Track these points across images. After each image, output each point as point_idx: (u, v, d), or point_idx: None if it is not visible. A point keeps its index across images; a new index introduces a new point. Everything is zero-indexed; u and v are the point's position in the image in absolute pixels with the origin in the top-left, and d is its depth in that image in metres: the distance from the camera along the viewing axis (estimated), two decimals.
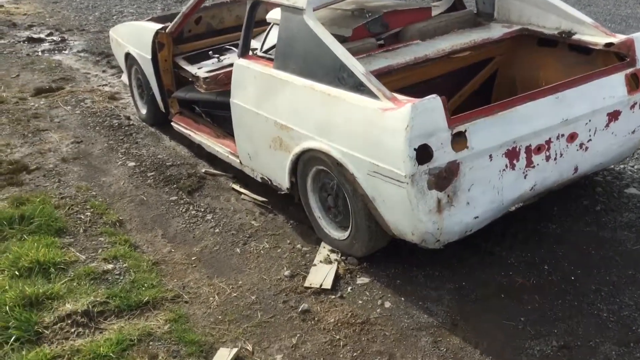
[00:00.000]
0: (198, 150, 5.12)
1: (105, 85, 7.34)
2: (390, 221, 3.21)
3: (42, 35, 10.20)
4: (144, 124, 5.92)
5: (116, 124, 5.92)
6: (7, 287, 3.29)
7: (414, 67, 3.82)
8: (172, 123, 5.37)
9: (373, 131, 3.12)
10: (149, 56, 5.29)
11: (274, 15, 4.39)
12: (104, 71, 7.96)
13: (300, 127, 3.58)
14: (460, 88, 4.34)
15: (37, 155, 5.30)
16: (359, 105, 3.21)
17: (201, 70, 4.79)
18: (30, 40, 9.90)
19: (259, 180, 4.19)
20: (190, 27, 5.56)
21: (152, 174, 4.80)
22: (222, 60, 4.95)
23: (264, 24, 4.60)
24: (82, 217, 4.18)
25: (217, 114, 5.14)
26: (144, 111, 5.98)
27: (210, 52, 5.08)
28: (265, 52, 4.31)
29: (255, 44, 5.42)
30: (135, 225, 4.12)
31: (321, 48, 3.47)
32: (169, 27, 5.17)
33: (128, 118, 6.08)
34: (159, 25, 5.30)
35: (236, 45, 5.42)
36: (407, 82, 3.90)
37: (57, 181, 4.77)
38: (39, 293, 3.23)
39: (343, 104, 3.30)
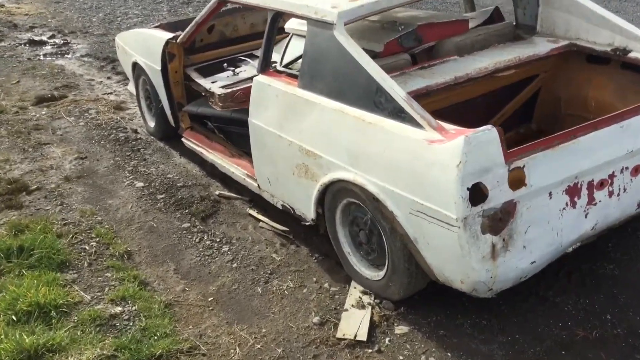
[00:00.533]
0: (211, 169, 4.76)
1: (111, 93, 6.98)
2: (435, 266, 2.85)
3: (44, 38, 9.84)
4: (152, 138, 5.56)
5: (122, 138, 5.55)
6: (2, 337, 2.93)
7: (454, 87, 3.45)
8: (182, 139, 5.01)
9: (417, 165, 2.75)
10: (159, 67, 4.93)
11: (294, 25, 4.03)
12: (108, 78, 7.60)
13: (329, 154, 3.22)
14: (499, 108, 3.98)
15: (38, 173, 4.94)
16: (399, 135, 2.85)
17: (215, 84, 4.43)
18: (32, 43, 9.54)
19: (280, 207, 3.83)
20: (202, 36, 5.19)
21: (162, 196, 4.44)
22: (237, 74, 4.59)
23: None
24: (87, 247, 3.82)
25: (232, 131, 4.79)
26: (152, 124, 5.61)
27: (225, 65, 4.71)
28: (286, 66, 3.94)
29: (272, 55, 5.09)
30: (145, 257, 3.76)
31: (354, 67, 3.11)
32: (181, 36, 4.81)
33: (135, 131, 5.72)
34: (169, 35, 4.94)
35: (251, 56, 5.10)
36: (444, 103, 3.54)
37: (60, 204, 4.41)
38: (38, 344, 2.88)
39: (380, 132, 2.94)
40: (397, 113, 2.90)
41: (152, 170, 4.90)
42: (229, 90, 4.07)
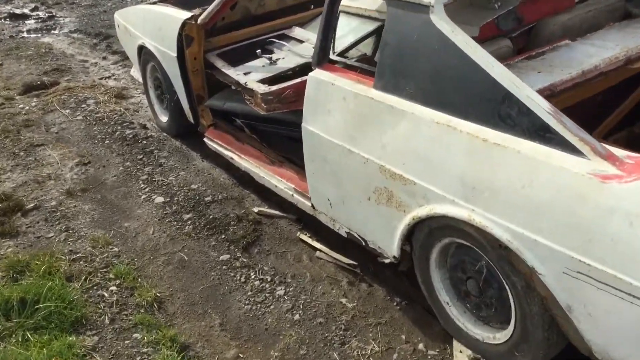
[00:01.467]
0: (241, 176, 3.96)
1: (109, 77, 6.10)
2: (598, 344, 2.09)
3: (25, 11, 8.89)
4: (165, 135, 4.72)
5: (130, 136, 4.71)
6: None
7: (581, 84, 2.65)
8: (205, 139, 4.19)
9: (580, 210, 1.97)
10: (174, 53, 4.07)
11: (355, 3, 3.19)
12: (104, 58, 6.71)
13: (428, 181, 2.43)
14: (607, 108, 3.17)
15: (34, 185, 4.11)
16: (547, 164, 2.06)
17: (251, 77, 3.58)
18: (13, 17, 8.58)
19: (344, 234, 3.05)
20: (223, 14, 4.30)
21: (189, 216, 3.64)
22: (274, 62, 3.75)
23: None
24: (106, 294, 3.04)
25: (267, 130, 3.97)
26: (164, 119, 4.77)
27: (259, 51, 3.86)
28: (341, 54, 3.10)
29: (302, 32, 4.22)
30: (180, 305, 2.98)
31: (465, 66, 2.30)
32: (202, 16, 3.94)
33: (144, 126, 4.87)
34: (186, 14, 4.07)
35: (282, 37, 4.24)
36: (562, 106, 2.73)
37: (65, 229, 3.60)
38: None
39: (514, 158, 2.15)
40: (539, 132, 2.11)
41: (171, 179, 4.08)
42: (275, 87, 3.23)
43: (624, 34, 2.96)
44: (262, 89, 3.27)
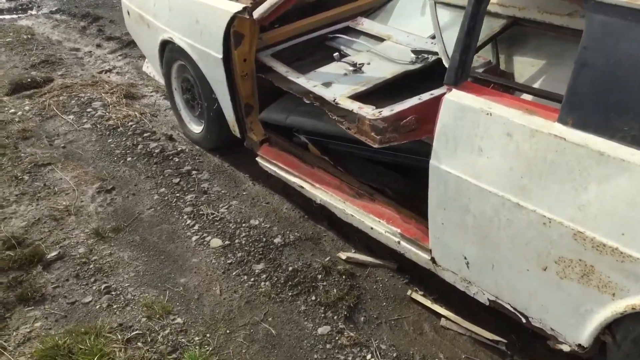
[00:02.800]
0: (305, 203, 3.23)
1: (110, 71, 5.22)
2: None
3: None
4: (198, 148, 3.92)
5: (156, 150, 3.90)
6: None
7: None
8: (258, 160, 3.42)
9: None
10: (219, 54, 3.27)
11: None
12: (99, 46, 5.80)
13: None
14: None
15: (50, 222, 3.30)
16: None
17: (335, 90, 2.81)
18: None
19: (482, 301, 2.36)
20: None
21: (261, 267, 2.89)
22: (359, 68, 2.98)
23: None
24: None
25: (344, 150, 3.23)
26: (196, 129, 3.97)
27: (337, 55, 3.09)
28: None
29: (372, 25, 3.45)
30: None
31: None
32: (259, 9, 3.13)
33: (169, 137, 4.06)
34: (234, 4, 3.25)
35: (346, 31, 3.48)
36: None
37: (105, 289, 2.82)
38: None
39: None
40: None
41: (222, 211, 3.30)
42: (390, 112, 2.45)
43: None
44: (372, 113, 2.50)
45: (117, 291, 2.80)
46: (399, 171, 3.20)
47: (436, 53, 2.86)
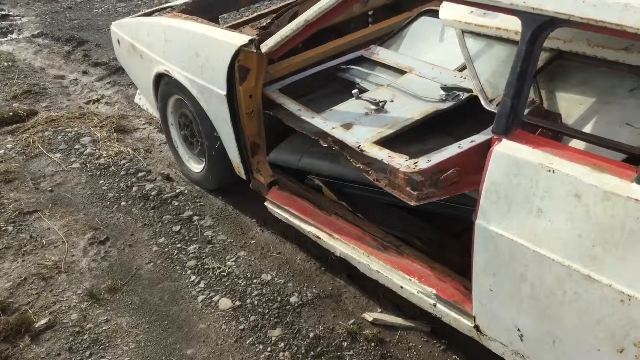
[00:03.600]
0: (321, 252, 2.91)
1: (98, 100, 4.89)
2: None
3: None
4: (198, 188, 3.60)
5: (153, 193, 3.58)
6: None
7: None
8: (267, 205, 3.10)
9: None
10: (222, 90, 2.97)
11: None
12: (85, 73, 5.47)
13: None
14: None
15: (39, 281, 2.97)
16: None
17: (358, 134, 2.51)
18: None
19: None
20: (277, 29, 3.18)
21: (279, 333, 2.58)
22: (381, 107, 2.68)
23: None
24: None
25: (356, 192, 2.93)
26: (196, 168, 3.65)
27: (356, 92, 2.79)
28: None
29: (389, 54, 3.15)
30: None
31: None
32: (267, 42, 2.83)
33: (167, 177, 3.73)
34: (239, 36, 2.95)
35: (358, 62, 3.18)
36: None
37: None
38: None
39: None
40: None
41: (230, 264, 2.98)
42: (428, 164, 2.14)
43: None
44: (406, 165, 2.19)
45: None
46: (423, 216, 2.90)
47: (469, 90, 2.56)
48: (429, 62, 2.95)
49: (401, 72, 2.97)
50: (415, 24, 3.33)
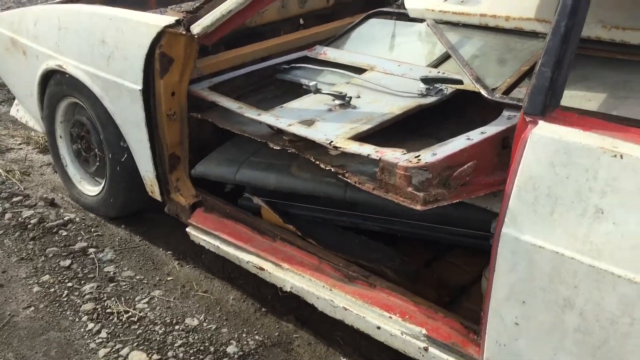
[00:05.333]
0: (258, 286, 2.32)
1: None
2: None
3: None
4: (92, 215, 2.87)
5: (33, 221, 2.82)
6: None
7: None
8: (190, 231, 2.45)
9: None
10: (135, 85, 2.34)
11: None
12: None
13: None
14: None
15: None
16: None
17: (325, 131, 1.96)
18: None
19: None
20: None
21: None
22: (347, 102, 2.15)
23: None
24: None
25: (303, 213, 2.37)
26: (92, 191, 2.95)
27: (312, 84, 2.25)
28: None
29: (338, 53, 2.64)
30: None
31: None
32: (200, 23, 2.25)
33: (51, 202, 2.99)
34: (161, 17, 2.37)
35: (306, 60, 2.66)
36: None
37: None
38: None
39: None
40: None
41: (141, 306, 2.29)
42: (434, 158, 1.61)
43: None
44: (405, 159, 1.66)
45: None
46: (386, 242, 2.37)
47: (458, 81, 2.10)
48: (393, 60, 2.48)
49: (360, 70, 2.47)
50: (363, 26, 2.89)
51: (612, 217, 1.40)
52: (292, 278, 2.16)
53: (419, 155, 1.66)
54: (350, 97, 2.17)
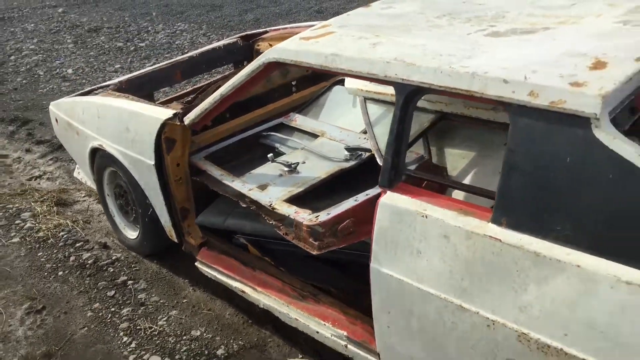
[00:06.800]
0: (248, 307, 3.12)
1: (40, 177, 5.06)
2: None
3: None
4: (134, 254, 3.78)
5: (90, 261, 3.74)
6: None
7: None
8: (198, 265, 3.31)
9: None
10: (150, 160, 3.21)
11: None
12: (28, 151, 5.65)
13: None
14: None
15: None
16: None
17: (271, 194, 2.77)
18: None
19: None
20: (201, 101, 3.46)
21: None
22: (294, 168, 2.95)
23: None
24: None
25: (278, 247, 3.16)
26: (131, 235, 3.84)
27: (271, 155, 3.06)
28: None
29: (306, 121, 3.45)
30: None
31: None
32: (189, 115, 3.11)
33: (104, 245, 3.91)
34: (164, 111, 3.23)
35: (279, 128, 3.48)
36: None
37: None
38: None
39: None
40: None
41: (162, 323, 3.15)
42: (326, 217, 2.41)
43: None
44: (309, 218, 2.45)
45: None
46: (340, 267, 3.14)
47: (369, 150, 2.86)
48: (338, 126, 3.26)
49: (315, 136, 3.26)
50: (330, 93, 3.67)
51: (425, 256, 2.13)
52: (263, 298, 2.97)
53: (318, 215, 2.45)
54: (297, 164, 2.96)
